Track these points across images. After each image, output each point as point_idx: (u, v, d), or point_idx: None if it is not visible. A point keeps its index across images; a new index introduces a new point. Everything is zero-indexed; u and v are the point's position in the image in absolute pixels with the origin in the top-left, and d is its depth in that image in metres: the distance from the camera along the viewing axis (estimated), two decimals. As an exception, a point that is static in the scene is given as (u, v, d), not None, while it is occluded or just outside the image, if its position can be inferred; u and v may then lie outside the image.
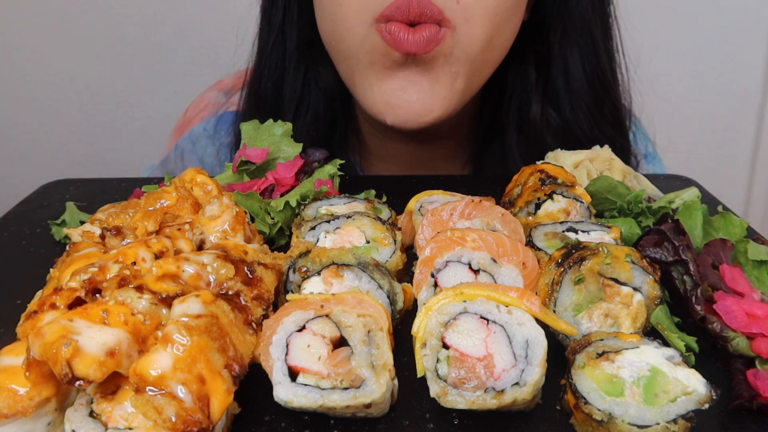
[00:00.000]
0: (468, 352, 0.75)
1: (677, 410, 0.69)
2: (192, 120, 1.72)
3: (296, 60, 1.48)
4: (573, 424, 0.75)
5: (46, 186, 1.42)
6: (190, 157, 1.68)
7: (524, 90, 1.49)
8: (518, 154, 1.52)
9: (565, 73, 1.46)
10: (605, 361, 0.74)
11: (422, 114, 1.24)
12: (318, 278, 0.89)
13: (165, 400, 0.65)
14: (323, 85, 1.51)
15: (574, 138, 1.48)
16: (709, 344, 0.86)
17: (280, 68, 1.50)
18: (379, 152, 1.62)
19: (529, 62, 1.48)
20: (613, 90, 1.49)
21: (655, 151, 1.72)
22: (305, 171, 1.25)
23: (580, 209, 1.07)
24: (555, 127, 1.49)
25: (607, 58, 1.47)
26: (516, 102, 1.51)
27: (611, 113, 1.50)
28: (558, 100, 1.48)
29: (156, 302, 0.76)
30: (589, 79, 1.45)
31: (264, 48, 1.50)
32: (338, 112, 1.55)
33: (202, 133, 1.67)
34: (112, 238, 0.92)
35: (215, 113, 1.68)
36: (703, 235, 1.04)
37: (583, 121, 1.47)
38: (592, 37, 1.43)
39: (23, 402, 0.69)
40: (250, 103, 1.55)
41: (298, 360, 0.75)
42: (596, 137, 1.47)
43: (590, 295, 0.86)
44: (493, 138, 1.57)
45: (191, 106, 1.78)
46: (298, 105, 1.51)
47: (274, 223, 1.13)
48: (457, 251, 0.90)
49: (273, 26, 1.47)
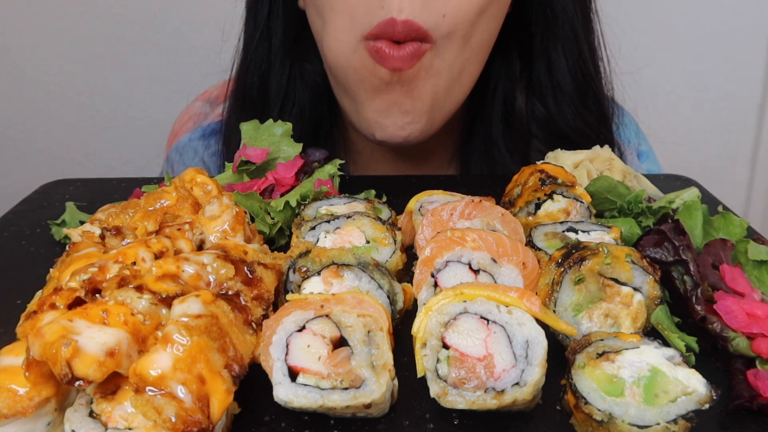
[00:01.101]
0: (468, 352, 0.75)
1: (677, 410, 0.69)
2: (179, 131, 1.75)
3: (282, 55, 1.49)
4: (573, 424, 0.75)
5: (46, 186, 1.42)
6: (178, 167, 1.70)
7: (509, 80, 1.51)
8: (504, 145, 1.54)
9: (547, 64, 1.48)
10: (605, 361, 0.74)
11: (406, 130, 1.31)
12: (318, 278, 0.89)
13: (165, 400, 0.65)
14: (309, 82, 1.52)
15: (558, 129, 1.50)
16: (709, 344, 0.86)
17: (266, 63, 1.50)
18: (365, 149, 1.62)
19: (513, 53, 1.50)
20: (596, 82, 1.51)
21: (651, 148, 1.72)
22: (305, 171, 1.25)
23: (580, 209, 1.07)
24: (540, 117, 1.51)
25: (589, 50, 1.48)
26: (501, 93, 1.53)
27: (594, 105, 1.51)
28: (542, 91, 1.50)
29: (156, 302, 0.76)
30: (571, 71, 1.47)
31: (249, 43, 1.51)
32: (324, 109, 1.56)
33: (187, 143, 1.70)
34: (112, 238, 0.92)
35: (200, 124, 1.70)
36: (703, 235, 1.04)
37: (567, 112, 1.49)
38: (574, 30, 1.45)
39: (23, 402, 0.69)
40: (236, 99, 1.56)
41: (298, 360, 0.74)
42: (580, 129, 1.49)
43: (590, 295, 0.86)
44: (478, 130, 1.58)
45: (178, 117, 1.81)
46: (283, 101, 1.52)
47: (274, 223, 1.13)
48: (457, 251, 0.90)
49: (258, 21, 1.48)
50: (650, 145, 1.73)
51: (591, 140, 1.47)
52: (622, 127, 1.64)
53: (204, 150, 1.66)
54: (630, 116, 1.73)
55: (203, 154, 1.66)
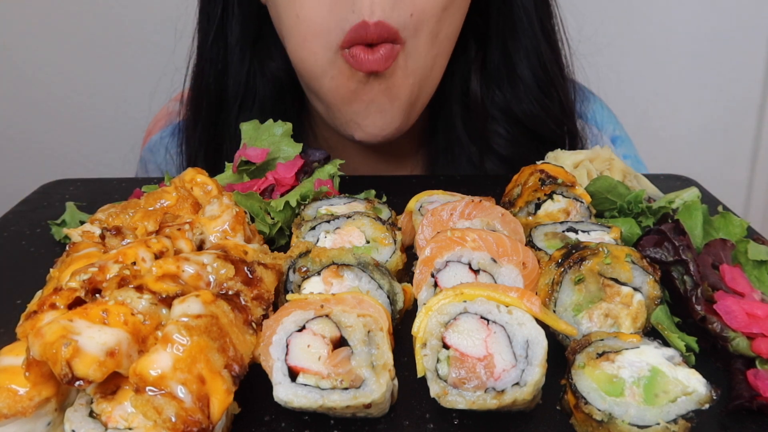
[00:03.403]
0: (468, 352, 0.75)
1: (677, 410, 0.69)
2: (151, 131, 1.76)
3: (239, 54, 1.48)
4: (573, 424, 0.75)
5: (46, 186, 1.42)
6: (150, 166, 1.71)
7: (465, 64, 1.52)
8: (463, 128, 1.54)
9: (503, 50, 1.49)
10: (605, 361, 0.74)
11: (386, 129, 1.34)
12: (318, 278, 0.89)
13: (165, 400, 0.65)
14: (271, 77, 1.50)
15: (515, 116, 1.50)
16: (709, 344, 0.86)
17: (222, 63, 1.49)
18: (334, 144, 1.62)
19: (469, 37, 1.50)
20: (554, 70, 1.50)
21: (626, 134, 1.72)
22: (305, 171, 1.25)
23: (580, 209, 1.07)
24: (497, 103, 1.51)
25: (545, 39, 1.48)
26: (459, 76, 1.53)
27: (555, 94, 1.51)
28: (496, 76, 1.51)
29: (156, 302, 0.76)
30: (529, 58, 1.48)
31: (204, 43, 1.50)
32: (288, 104, 1.54)
33: (158, 141, 1.70)
34: (112, 238, 0.92)
35: (170, 122, 1.70)
36: (703, 235, 1.04)
37: (524, 99, 1.49)
38: (529, 17, 1.45)
39: (23, 402, 0.69)
40: (192, 99, 1.54)
41: (298, 360, 0.75)
42: (539, 116, 1.49)
43: (590, 295, 0.86)
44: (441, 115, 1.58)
45: (154, 117, 1.81)
46: (243, 98, 1.51)
47: (274, 223, 1.13)
48: (457, 251, 0.90)
49: (212, 20, 1.47)
50: (626, 132, 1.72)
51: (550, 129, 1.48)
52: (591, 112, 1.64)
53: (174, 147, 1.65)
54: (602, 102, 1.72)
55: (172, 152, 1.65)
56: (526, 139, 1.51)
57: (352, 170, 1.59)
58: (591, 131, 1.63)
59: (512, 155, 1.51)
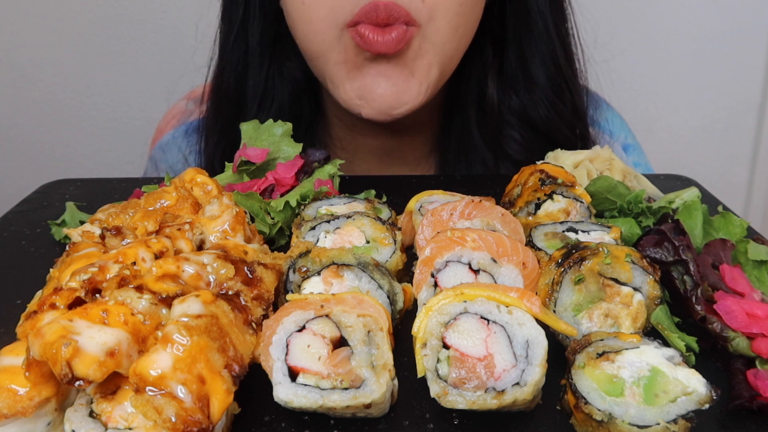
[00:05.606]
0: (468, 352, 0.75)
1: (677, 410, 0.69)
2: (163, 129, 1.75)
3: (259, 55, 1.48)
4: (573, 424, 0.75)
5: (46, 186, 1.42)
6: (162, 165, 1.70)
7: (482, 68, 1.52)
8: (478, 133, 1.54)
9: (519, 55, 1.48)
10: (605, 361, 0.74)
11: (396, 106, 1.29)
12: (318, 278, 0.89)
13: (165, 400, 0.65)
14: (289, 78, 1.51)
15: (531, 120, 1.50)
16: (709, 344, 0.86)
17: (242, 65, 1.49)
18: (348, 146, 1.62)
19: (486, 42, 1.50)
20: (568, 74, 1.51)
21: (638, 143, 1.72)
22: (305, 171, 1.24)
23: (580, 209, 1.07)
24: (513, 107, 1.51)
25: (563, 45, 1.48)
26: (474, 80, 1.53)
27: (569, 98, 1.51)
28: (513, 81, 1.50)
29: (156, 302, 0.76)
30: (544, 63, 1.48)
31: (225, 45, 1.50)
32: (305, 105, 1.54)
33: (171, 141, 1.69)
34: (112, 238, 0.92)
35: (184, 122, 1.70)
36: (703, 235, 1.04)
37: (539, 103, 1.49)
38: (545, 21, 1.45)
39: (23, 402, 0.69)
40: (213, 100, 1.55)
41: (298, 360, 0.74)
42: (553, 121, 1.49)
43: (590, 295, 0.86)
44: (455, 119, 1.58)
45: (163, 116, 1.80)
46: (262, 99, 1.51)
47: (274, 223, 1.13)
48: (457, 251, 0.90)
49: (234, 22, 1.47)
50: (638, 141, 1.73)
51: (564, 134, 1.47)
52: (603, 120, 1.64)
53: (187, 147, 1.65)
54: (614, 110, 1.73)
55: (186, 152, 1.65)
56: (539, 144, 1.51)
57: (365, 171, 1.59)
58: (603, 139, 1.63)
59: (525, 160, 1.51)
